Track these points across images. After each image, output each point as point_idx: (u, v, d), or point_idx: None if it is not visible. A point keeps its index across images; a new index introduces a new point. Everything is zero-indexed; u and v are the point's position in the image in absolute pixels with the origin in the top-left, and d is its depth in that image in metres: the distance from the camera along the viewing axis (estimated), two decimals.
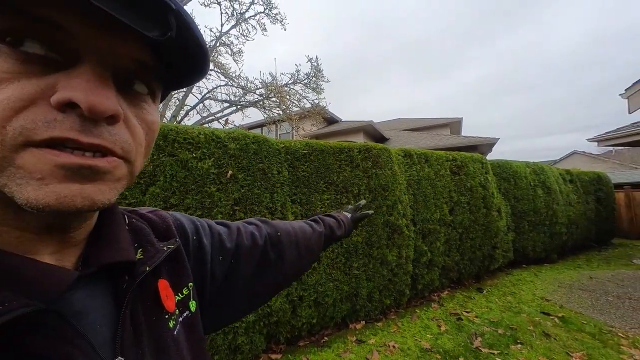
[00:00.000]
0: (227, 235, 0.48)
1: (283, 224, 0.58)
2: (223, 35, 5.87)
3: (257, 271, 0.49)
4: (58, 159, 0.20)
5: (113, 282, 0.29)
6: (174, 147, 1.70)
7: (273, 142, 2.18)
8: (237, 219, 1.84)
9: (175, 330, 0.33)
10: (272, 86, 6.01)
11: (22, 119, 0.19)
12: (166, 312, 0.32)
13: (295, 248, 0.56)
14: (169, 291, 0.34)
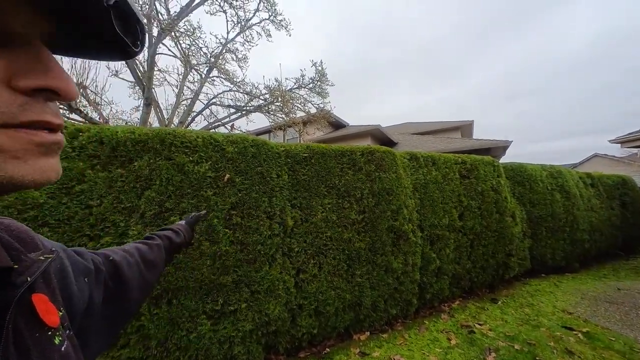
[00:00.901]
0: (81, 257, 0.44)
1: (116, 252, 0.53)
2: (228, 42, 6.01)
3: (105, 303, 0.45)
4: (36, 138, 0.22)
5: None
6: (171, 151, 1.69)
7: (272, 146, 2.15)
8: (234, 223, 1.80)
9: (63, 346, 0.30)
10: (276, 91, 6.06)
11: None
12: (49, 327, 0.29)
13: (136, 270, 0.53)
14: (49, 305, 0.30)
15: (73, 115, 4.12)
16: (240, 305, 1.76)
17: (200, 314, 1.64)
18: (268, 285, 1.87)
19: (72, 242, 1.41)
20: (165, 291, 1.56)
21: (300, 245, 2.09)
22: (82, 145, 1.53)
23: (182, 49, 5.30)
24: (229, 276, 1.73)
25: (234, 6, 5.53)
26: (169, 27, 4.46)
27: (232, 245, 1.77)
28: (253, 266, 1.83)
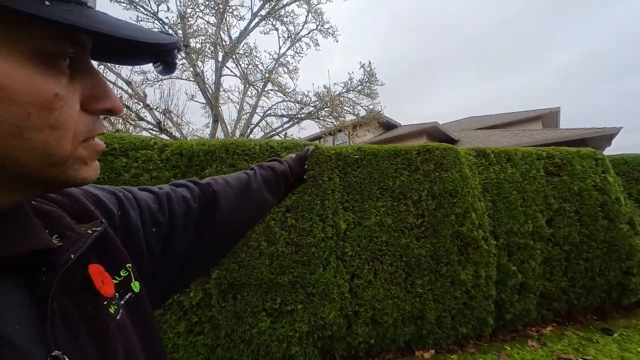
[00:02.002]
0: (158, 204, 0.44)
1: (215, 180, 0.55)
2: (281, 57, 6.48)
3: (197, 235, 0.47)
4: (98, 147, 0.29)
5: (26, 275, 0.26)
6: (234, 159, 1.87)
7: (323, 149, 2.17)
8: (289, 225, 1.87)
9: (119, 314, 0.31)
10: (325, 97, 6.21)
11: (81, 125, 0.26)
12: (104, 298, 0.30)
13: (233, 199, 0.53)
14: (105, 276, 0.31)
15: (162, 135, 5.05)
16: (296, 306, 1.80)
17: (261, 310, 1.73)
18: (322, 288, 1.87)
19: None
20: (231, 286, 1.71)
21: (354, 249, 2.03)
22: (168, 157, 1.82)
23: (242, 69, 6.01)
24: (285, 276, 1.79)
25: (285, 22, 5.98)
26: (231, 51, 5.10)
27: (288, 246, 1.84)
28: (307, 268, 1.85)
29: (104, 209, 0.37)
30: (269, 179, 0.63)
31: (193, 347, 1.63)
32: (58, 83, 0.23)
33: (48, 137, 0.23)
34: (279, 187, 0.66)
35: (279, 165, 0.68)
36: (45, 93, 0.22)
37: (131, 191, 0.44)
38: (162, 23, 4.69)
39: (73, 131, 0.25)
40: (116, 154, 1.73)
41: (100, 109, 0.27)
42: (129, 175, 1.70)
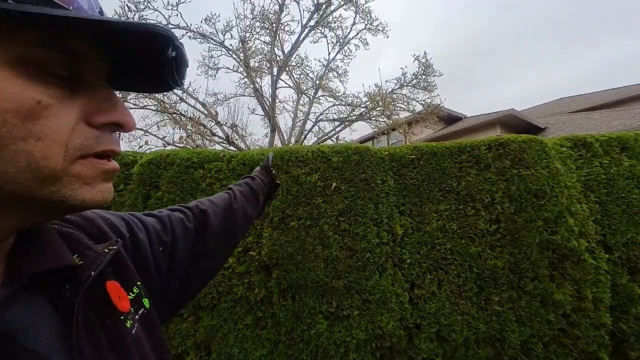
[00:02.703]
0: (161, 225, 0.48)
1: (201, 202, 0.59)
2: (330, 62, 6.61)
3: (194, 252, 0.51)
4: (103, 167, 0.27)
5: (51, 292, 0.27)
6: (288, 166, 1.98)
7: (375, 151, 2.10)
8: (342, 229, 1.86)
9: (134, 329, 0.32)
10: (376, 96, 6.01)
11: (78, 137, 0.24)
12: (121, 312, 0.31)
13: (220, 215, 0.58)
14: (121, 292, 0.33)
15: (230, 146, 5.78)
16: (352, 312, 1.77)
17: (317, 312, 1.77)
18: (379, 295, 1.79)
19: None
20: (290, 287, 1.80)
21: (412, 257, 1.89)
22: (234, 167, 2.06)
23: (295, 79, 6.39)
24: (340, 281, 1.79)
25: (333, 28, 6.10)
26: (284, 65, 5.50)
27: (342, 250, 1.83)
28: (363, 274, 1.81)
29: (116, 231, 0.40)
30: (247, 194, 0.69)
31: (258, 340, 1.78)
32: (43, 92, 0.22)
33: (32, 147, 0.21)
34: (257, 199, 0.72)
35: (251, 180, 0.75)
36: (25, 100, 0.21)
37: (136, 216, 0.47)
38: (227, 49, 5.41)
39: (64, 143, 0.23)
40: (195, 166, 2.04)
41: (104, 122, 0.26)
42: (205, 185, 1.99)
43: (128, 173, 2.05)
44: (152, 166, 1.99)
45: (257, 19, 5.23)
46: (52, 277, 0.28)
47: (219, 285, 1.82)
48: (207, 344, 1.79)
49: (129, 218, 0.45)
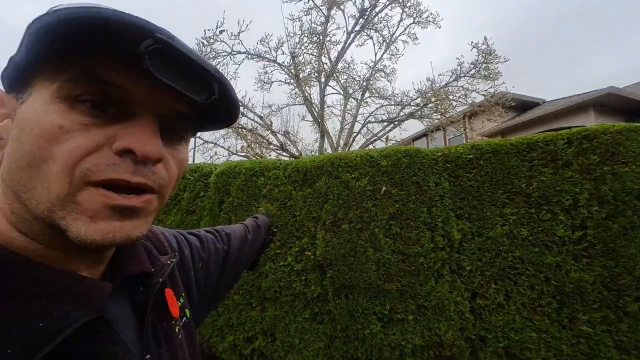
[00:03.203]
0: (200, 244, 0.55)
1: (224, 227, 0.68)
2: (377, 63, 6.48)
3: (222, 269, 0.57)
4: (108, 200, 0.24)
5: (130, 292, 0.34)
6: (338, 171, 2.09)
7: (427, 153, 2.03)
8: (394, 233, 1.87)
9: (180, 334, 0.37)
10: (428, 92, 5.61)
11: (87, 162, 0.23)
12: (172, 317, 0.37)
13: (239, 241, 0.66)
14: (174, 299, 0.39)
15: (284, 153, 6.26)
16: (407, 316, 1.77)
17: (371, 313, 1.82)
18: (436, 302, 1.74)
19: (288, 242, 2.10)
20: (344, 286, 1.90)
21: (473, 264, 1.77)
22: (289, 174, 2.27)
23: (341, 84, 6.49)
24: (393, 284, 1.80)
25: (379, 29, 5.98)
26: (331, 73, 5.68)
27: (394, 254, 1.84)
28: (417, 278, 1.78)
29: (170, 247, 0.46)
30: (255, 230, 0.79)
31: (316, 334, 1.93)
32: (70, 119, 0.23)
33: (49, 168, 0.22)
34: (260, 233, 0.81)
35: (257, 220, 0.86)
36: (52, 125, 0.22)
37: (182, 234, 0.53)
38: (280, 65, 5.91)
39: (73, 166, 0.23)
40: (257, 174, 2.33)
41: (117, 148, 0.24)
42: (266, 190, 2.25)
43: (206, 182, 2.46)
44: (224, 176, 2.36)
45: (305, 34, 5.56)
46: (132, 280, 0.34)
47: (280, 281, 2.04)
48: (272, 332, 2.02)
49: (177, 235, 0.50)
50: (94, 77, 0.23)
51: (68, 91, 0.23)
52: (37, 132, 0.22)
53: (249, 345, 2.06)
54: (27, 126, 0.23)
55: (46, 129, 0.22)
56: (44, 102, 0.23)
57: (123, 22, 0.21)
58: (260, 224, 0.81)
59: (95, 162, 0.24)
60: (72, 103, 0.23)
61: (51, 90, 0.23)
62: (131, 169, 0.25)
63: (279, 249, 2.10)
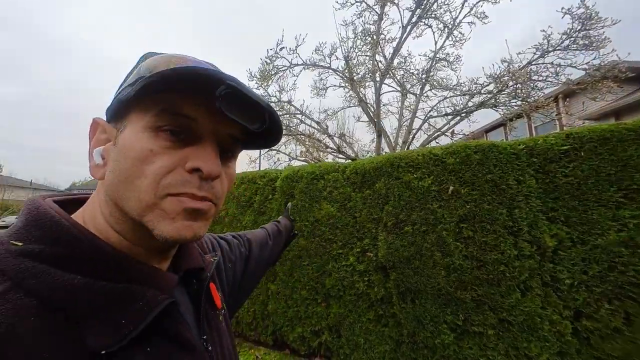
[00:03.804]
0: (229, 248, 0.60)
1: (246, 232, 0.73)
2: (437, 53, 5.89)
3: (244, 271, 0.62)
4: (183, 204, 0.30)
5: (186, 285, 0.40)
6: (399, 172, 2.03)
7: (504, 146, 1.79)
8: (465, 237, 1.71)
9: (223, 323, 0.44)
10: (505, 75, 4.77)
11: (169, 179, 0.30)
12: (217, 308, 0.44)
13: (259, 246, 0.71)
14: (216, 292, 0.45)
15: (340, 155, 6.35)
16: (486, 330, 1.59)
17: (442, 322, 1.70)
18: (523, 318, 1.51)
19: (349, 242, 2.15)
20: (409, 290, 1.83)
21: (575, 277, 1.47)
22: (348, 176, 2.33)
23: (398, 81, 6.17)
24: (467, 293, 1.65)
25: (438, 15, 5.46)
26: (386, 71, 5.48)
27: (467, 260, 1.68)
28: (497, 289, 1.59)
29: (207, 248, 0.54)
30: (276, 234, 0.83)
31: (382, 336, 1.91)
32: (158, 144, 0.30)
33: (141, 183, 0.29)
34: (282, 238, 0.85)
35: (278, 224, 0.90)
36: (144, 150, 0.29)
37: (215, 237, 0.61)
38: (334, 71, 6.05)
39: (158, 181, 0.29)
40: (318, 177, 2.46)
41: (189, 167, 0.31)
42: (326, 193, 2.36)
43: (274, 186, 2.74)
44: (288, 180, 2.58)
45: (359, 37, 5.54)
46: (187, 274, 0.40)
47: (343, 280, 2.11)
48: (337, 328, 2.10)
49: (211, 238, 0.59)
50: (175, 112, 0.30)
51: (155, 123, 0.30)
52: (133, 155, 0.29)
53: (316, 338, 2.19)
54: (126, 151, 0.30)
55: (140, 152, 0.29)
56: (137, 131, 0.30)
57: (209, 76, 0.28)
58: (282, 229, 0.86)
59: (174, 179, 0.30)
60: (156, 131, 0.30)
61: (143, 122, 0.30)
62: (197, 184, 0.31)
63: (341, 249, 2.17)
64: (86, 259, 0.28)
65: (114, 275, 0.29)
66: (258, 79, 5.74)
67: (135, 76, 0.32)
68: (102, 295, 0.27)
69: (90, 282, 0.27)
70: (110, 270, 0.29)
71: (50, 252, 0.27)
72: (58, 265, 0.27)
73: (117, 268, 0.30)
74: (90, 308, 0.26)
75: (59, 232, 0.28)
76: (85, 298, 0.26)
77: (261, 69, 5.64)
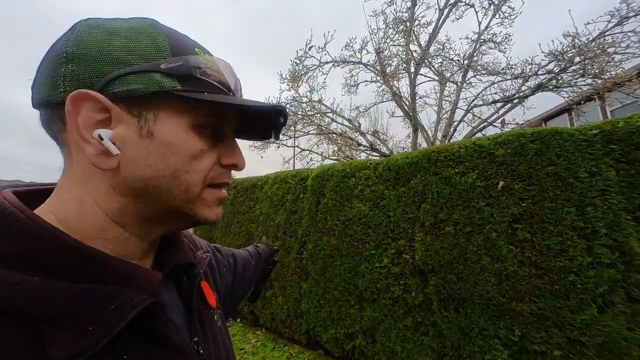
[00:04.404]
0: (220, 254, 0.60)
1: (232, 249, 0.70)
2: (482, 34, 5.25)
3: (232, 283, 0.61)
4: (219, 195, 0.36)
5: (175, 281, 0.38)
6: (437, 167, 1.85)
7: (572, 132, 1.50)
8: (521, 239, 1.48)
9: (219, 322, 0.42)
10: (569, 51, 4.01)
11: (212, 173, 0.34)
12: (210, 307, 0.41)
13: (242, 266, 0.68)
14: (210, 291, 0.43)
15: (374, 153, 6.12)
16: (550, 350, 1.34)
17: (492, 336, 1.50)
18: (602, 339, 1.24)
19: (383, 243, 2.03)
20: (452, 298, 1.65)
21: None
22: (380, 173, 2.21)
23: (435, 70, 5.68)
24: (524, 305, 1.42)
25: None
26: (422, 59, 5.08)
27: (523, 266, 1.45)
28: (565, 302, 1.33)
29: (200, 245, 0.53)
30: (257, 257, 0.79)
31: (421, 345, 1.76)
32: (204, 143, 0.32)
33: (190, 178, 0.31)
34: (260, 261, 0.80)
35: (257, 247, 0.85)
36: (195, 149, 0.31)
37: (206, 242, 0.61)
38: (365, 65, 5.85)
39: (205, 176, 0.32)
40: (348, 175, 2.39)
41: (228, 163, 0.35)
42: (357, 191, 2.27)
43: (304, 185, 2.74)
44: (319, 179, 2.55)
45: (391, 26, 5.24)
46: (177, 270, 0.38)
47: (377, 282, 2.00)
48: (372, 333, 2.00)
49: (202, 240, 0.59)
50: (222, 116, 0.34)
51: (203, 122, 0.32)
52: (185, 153, 0.30)
53: (350, 341, 2.12)
54: (174, 147, 0.30)
55: (193, 150, 0.31)
56: (184, 129, 0.31)
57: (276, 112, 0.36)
58: (261, 252, 0.83)
59: (216, 173, 0.34)
60: (202, 130, 0.32)
61: (190, 120, 0.31)
62: (228, 174, 0.37)
63: (374, 249, 2.06)
64: (46, 257, 0.25)
65: (82, 274, 0.26)
66: (289, 81, 5.84)
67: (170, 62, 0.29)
68: (65, 298, 0.24)
69: (51, 283, 0.24)
70: (78, 270, 0.26)
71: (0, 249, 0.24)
72: (8, 264, 0.23)
73: (86, 267, 0.27)
74: (50, 313, 0.23)
75: (11, 226, 0.25)
76: (43, 302, 0.23)
77: (291, 70, 5.71)
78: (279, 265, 2.67)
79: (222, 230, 3.53)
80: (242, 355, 2.45)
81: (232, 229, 3.37)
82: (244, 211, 3.28)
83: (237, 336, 2.79)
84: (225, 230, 3.47)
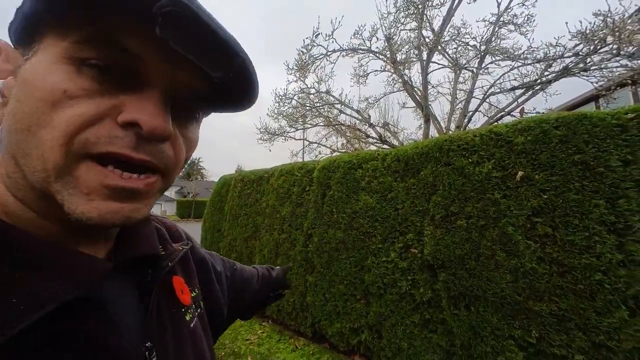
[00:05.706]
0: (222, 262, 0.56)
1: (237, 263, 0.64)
2: (500, 16, 4.88)
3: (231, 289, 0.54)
4: (105, 179, 0.22)
5: (137, 275, 0.32)
6: (449, 156, 1.74)
7: (602, 116, 1.35)
8: (540, 234, 1.36)
9: (192, 323, 0.36)
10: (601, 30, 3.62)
11: (88, 133, 0.21)
12: (182, 305, 0.35)
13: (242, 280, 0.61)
14: (185, 287, 0.37)
15: (384, 145, 5.95)
16: (572, 354, 1.24)
17: (506, 337, 1.40)
18: (632, 345, 1.12)
19: (390, 236, 1.95)
20: (462, 295, 1.56)
21: None
22: (389, 164, 2.11)
23: (449, 56, 5.38)
24: (542, 304, 1.31)
25: None
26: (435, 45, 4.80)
27: (542, 263, 1.34)
28: (589, 303, 1.22)
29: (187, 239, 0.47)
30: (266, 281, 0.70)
31: (429, 343, 1.69)
32: (75, 83, 0.21)
33: (47, 135, 0.21)
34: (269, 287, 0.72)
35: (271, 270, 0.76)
36: (55, 89, 0.21)
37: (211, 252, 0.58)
38: (374, 53, 5.63)
39: (71, 135, 0.21)
40: (355, 166, 2.31)
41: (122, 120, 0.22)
42: (364, 183, 2.19)
43: (311, 177, 2.68)
44: (325, 170, 2.49)
45: (401, 10, 4.95)
46: (142, 262, 0.32)
47: (383, 277, 1.93)
48: (378, 329, 1.95)
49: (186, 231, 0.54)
50: (108, 41, 0.21)
51: (77, 52, 0.21)
52: (38, 95, 0.21)
53: (355, 336, 2.07)
54: (29, 87, 0.21)
55: (49, 91, 0.21)
56: (50, 61, 0.21)
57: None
58: (274, 277, 0.74)
59: (96, 133, 0.22)
60: (79, 66, 0.21)
61: (59, 49, 0.21)
62: (134, 144, 0.23)
63: (381, 243, 1.99)
64: None
65: None
66: (295, 70, 5.70)
67: None
68: None
69: None
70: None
71: None
72: None
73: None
74: None
75: None
76: None
77: (297, 59, 5.57)
78: (285, 258, 2.66)
79: (230, 222, 3.56)
80: (248, 346, 2.47)
81: (239, 221, 3.39)
82: (251, 204, 3.27)
83: (243, 327, 2.82)
84: (233, 222, 3.49)
